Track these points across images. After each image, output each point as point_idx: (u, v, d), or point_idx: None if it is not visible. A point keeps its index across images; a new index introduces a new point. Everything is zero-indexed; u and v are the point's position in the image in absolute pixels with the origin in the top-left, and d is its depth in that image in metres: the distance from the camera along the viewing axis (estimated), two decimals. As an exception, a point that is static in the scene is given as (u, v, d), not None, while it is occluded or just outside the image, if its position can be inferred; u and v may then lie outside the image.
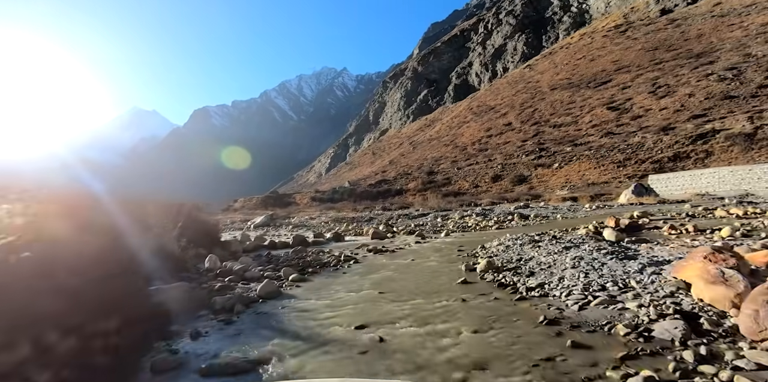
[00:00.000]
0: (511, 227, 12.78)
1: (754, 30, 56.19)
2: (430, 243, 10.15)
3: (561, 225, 11.57)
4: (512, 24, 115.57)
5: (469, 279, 5.32)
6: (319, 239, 12.55)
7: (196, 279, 6.33)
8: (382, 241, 11.43)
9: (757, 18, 59.89)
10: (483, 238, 10.09)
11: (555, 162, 35.55)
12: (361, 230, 15.13)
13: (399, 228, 14.62)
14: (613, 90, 54.88)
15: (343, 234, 13.81)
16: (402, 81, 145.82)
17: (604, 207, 16.12)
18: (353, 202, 42.15)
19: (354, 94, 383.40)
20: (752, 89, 37.85)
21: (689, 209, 11.58)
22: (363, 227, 16.07)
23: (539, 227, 11.85)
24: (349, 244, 11.19)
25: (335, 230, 15.65)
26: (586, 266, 5.16)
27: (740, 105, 35.78)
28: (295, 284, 6.02)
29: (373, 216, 20.26)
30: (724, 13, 68.12)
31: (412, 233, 12.87)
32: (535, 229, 10.94)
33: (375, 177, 66.24)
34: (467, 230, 12.92)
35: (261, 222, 19.76)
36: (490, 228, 13.12)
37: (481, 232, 12.26)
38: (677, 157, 27.38)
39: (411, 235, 12.48)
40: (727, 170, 16.53)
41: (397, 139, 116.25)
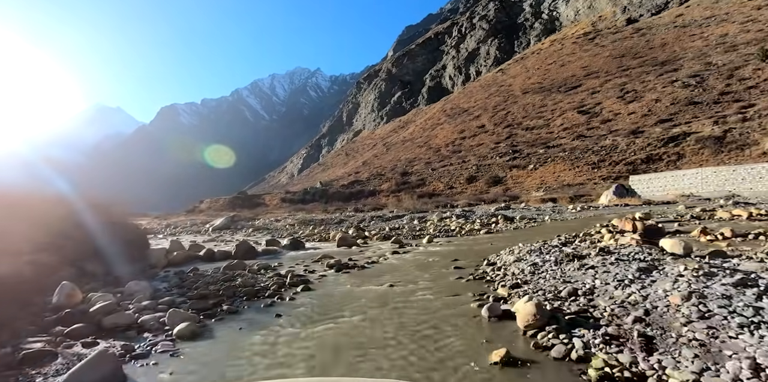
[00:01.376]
0: (501, 231, 11.56)
1: (714, 40, 58.67)
2: (411, 253, 8.50)
3: (558, 229, 10.36)
4: (485, 29, 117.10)
5: (513, 352, 2.81)
6: (272, 247, 10.27)
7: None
8: (351, 249, 9.61)
9: (716, 29, 62.64)
10: (477, 246, 8.76)
11: (530, 163, 35.57)
12: (328, 234, 13.09)
13: (372, 232, 12.86)
14: (583, 95, 55.96)
15: (305, 240, 12.08)
16: (376, 82, 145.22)
17: (588, 209, 15.67)
18: (325, 203, 40.88)
19: (328, 95, 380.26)
20: (714, 96, 39.17)
21: (686, 211, 11.04)
22: (330, 231, 14.18)
23: (534, 231, 10.83)
24: (307, 254, 9.15)
25: (296, 235, 13.74)
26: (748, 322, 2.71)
27: (704, 111, 36.91)
28: (171, 350, 3.38)
29: (344, 218, 19.08)
30: (686, 24, 71.00)
31: (388, 238, 11.30)
32: (531, 234, 9.91)
33: (348, 178, 65.06)
34: (451, 235, 11.53)
35: (221, 224, 18.30)
36: (477, 232, 11.73)
37: (468, 237, 10.93)
38: (650, 159, 27.78)
39: (386, 241, 10.81)
40: (710, 171, 16.51)
41: (371, 141, 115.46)
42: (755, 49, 45.68)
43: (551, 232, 9.64)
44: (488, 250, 8.03)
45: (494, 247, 8.30)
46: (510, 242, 8.26)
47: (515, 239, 9.08)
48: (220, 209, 52.72)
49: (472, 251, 8.21)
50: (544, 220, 13.37)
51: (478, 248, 8.45)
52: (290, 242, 10.45)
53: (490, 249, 8.13)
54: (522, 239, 8.71)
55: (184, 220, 30.36)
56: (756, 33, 54.36)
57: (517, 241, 8.18)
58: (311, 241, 12.03)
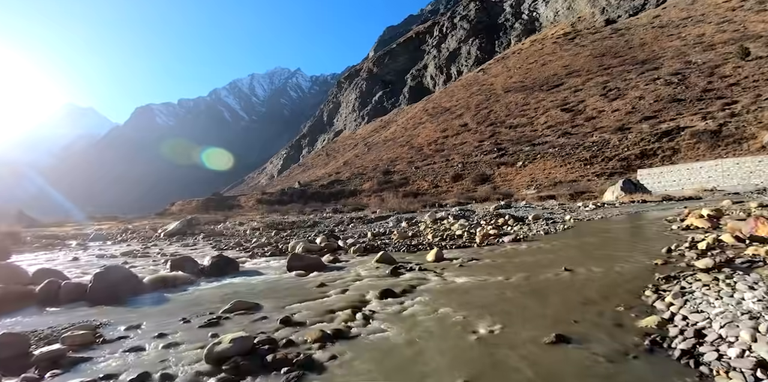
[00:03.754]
0: (533, 239, 7.87)
1: (692, 40, 59.29)
2: (417, 297, 4.19)
3: (610, 234, 7.98)
4: (466, 29, 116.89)
5: None
6: (178, 273, 5.90)
7: None
8: (305, 279, 5.50)
9: (692, 30, 63.42)
10: (539, 273, 4.78)
11: (518, 160, 34.50)
12: (287, 244, 9.22)
13: (348, 241, 9.07)
14: (566, 93, 55.59)
15: (256, 253, 8.53)
16: (357, 82, 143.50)
17: (603, 206, 14.14)
18: (303, 204, 38.97)
19: (308, 95, 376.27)
20: (697, 93, 39.02)
21: (738, 206, 9.42)
22: (292, 240, 10.07)
23: (578, 237, 7.86)
24: (221, 293, 4.95)
25: (250, 244, 10.34)
26: None
27: (687, 107, 36.62)
28: None
29: (319, 220, 17.13)
30: (663, 25, 71.83)
31: (371, 250, 7.72)
32: (584, 242, 7.08)
33: (328, 178, 63.14)
34: (463, 244, 7.71)
35: (175, 229, 16.19)
36: (498, 241, 7.81)
37: (494, 250, 6.93)
38: (644, 155, 27.04)
39: (368, 255, 7.21)
40: (731, 162, 15.43)
41: (352, 141, 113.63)
42: (733, 48, 46.03)
43: (611, 240, 7.06)
44: (576, 286, 4.14)
45: (579, 277, 4.44)
46: (585, 261, 5.15)
47: (575, 252, 6.10)
48: (192, 212, 50.12)
49: (547, 290, 4.11)
50: (566, 220, 10.70)
51: (548, 280, 4.46)
52: (216, 262, 6.37)
53: (577, 282, 4.25)
54: (590, 252, 5.94)
55: (149, 223, 28.04)
56: (732, 33, 55.06)
57: (589, 257, 5.50)
58: (259, 257, 8.22)
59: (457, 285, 4.57)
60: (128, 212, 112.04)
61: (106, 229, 27.16)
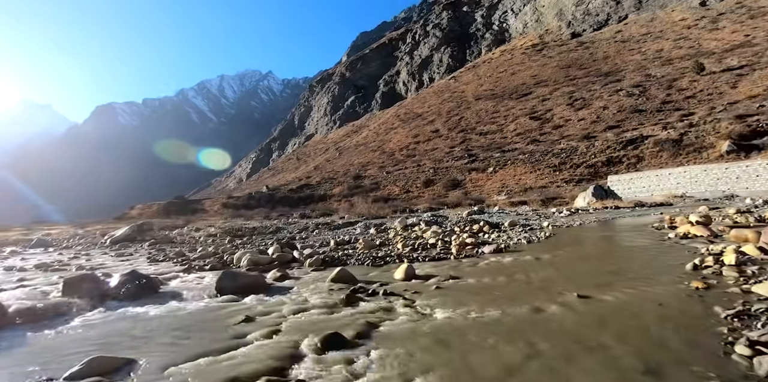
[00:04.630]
0: (516, 249, 6.96)
1: (651, 55, 62.22)
2: (385, 341, 2.93)
3: (597, 242, 7.50)
4: (438, 37, 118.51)
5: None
6: (71, 300, 4.63)
7: None
8: (238, 303, 4.47)
9: (652, 45, 66.61)
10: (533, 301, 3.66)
11: (489, 166, 34.74)
12: (232, 256, 7.87)
13: (306, 251, 8.08)
14: (534, 101, 56.93)
15: (193, 266, 7.38)
16: (329, 86, 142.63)
17: (577, 212, 14.01)
18: (270, 209, 37.75)
19: (280, 98, 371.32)
20: (657, 104, 40.73)
21: (717, 212, 9.34)
22: (238, 251, 8.70)
23: (562, 246, 7.10)
24: (119, 326, 3.84)
25: (192, 255, 9.09)
26: None
27: (648, 118, 38.11)
28: None
29: (283, 226, 16.20)
30: (625, 40, 75.15)
31: (329, 262, 6.76)
32: (571, 252, 6.34)
33: (298, 182, 61.86)
34: (438, 256, 6.73)
35: (123, 235, 14.94)
36: (477, 251, 6.92)
37: (473, 264, 5.94)
38: (610, 162, 27.77)
39: (325, 269, 6.25)
40: (699, 169, 15.82)
41: (323, 145, 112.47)
42: (689, 63, 48.49)
43: (608, 252, 6.41)
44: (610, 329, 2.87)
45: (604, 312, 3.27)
46: (595, 281, 4.23)
47: (574, 267, 5.21)
48: (152, 216, 47.82)
49: (569, 336, 2.78)
50: (544, 227, 10.11)
51: (563, 317, 3.22)
52: (124, 282, 4.98)
53: (607, 322, 3.03)
54: (594, 268, 5.09)
55: (101, 228, 26.28)
56: (688, 49, 58.14)
57: (596, 275, 4.59)
58: (195, 271, 6.98)
59: (435, 326, 3.20)
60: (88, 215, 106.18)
61: (54, 234, 25.29)
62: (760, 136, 23.01)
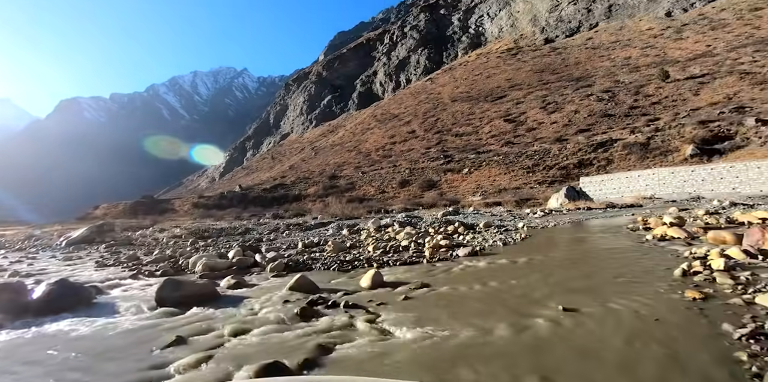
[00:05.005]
0: (491, 252, 6.66)
1: (620, 62, 64.27)
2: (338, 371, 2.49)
3: (574, 244, 7.25)
4: (416, 38, 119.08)
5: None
6: None
7: None
8: (176, 317, 3.98)
9: (620, 52, 68.83)
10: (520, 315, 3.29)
11: (464, 167, 34.94)
12: (188, 260, 7.20)
13: (270, 255, 7.54)
14: (509, 104, 57.80)
15: (137, 275, 6.52)
16: (306, 85, 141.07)
17: (551, 213, 13.99)
18: (242, 209, 36.77)
19: (255, 96, 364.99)
20: (625, 109, 42.00)
21: (685, 213, 9.43)
22: (196, 254, 7.99)
23: (541, 248, 6.86)
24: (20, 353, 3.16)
25: (144, 261, 8.33)
26: None
27: (617, 122, 39.23)
28: None
29: (253, 226, 15.57)
30: (595, 47, 77.40)
31: (293, 267, 6.32)
32: (551, 255, 5.99)
33: (272, 182, 60.70)
34: (409, 260, 6.36)
35: (80, 237, 14.03)
36: (450, 254, 6.61)
37: (445, 268, 5.63)
38: (581, 164, 28.40)
39: (288, 274, 5.74)
40: (667, 172, 16.19)
41: (299, 144, 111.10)
42: (655, 71, 50.23)
43: (587, 255, 6.02)
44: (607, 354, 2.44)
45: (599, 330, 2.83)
46: (578, 290, 3.91)
47: (554, 273, 4.76)
48: (118, 216, 45.89)
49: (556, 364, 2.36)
50: (519, 228, 9.84)
51: (550, 335, 2.82)
52: (50, 292, 4.34)
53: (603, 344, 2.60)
54: (574, 274, 4.67)
55: (60, 229, 24.87)
56: (654, 57, 60.33)
57: (578, 282, 4.23)
58: (145, 277, 6.37)
59: (399, 350, 2.70)
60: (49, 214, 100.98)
61: (9, 235, 23.81)
62: (721, 141, 24.05)
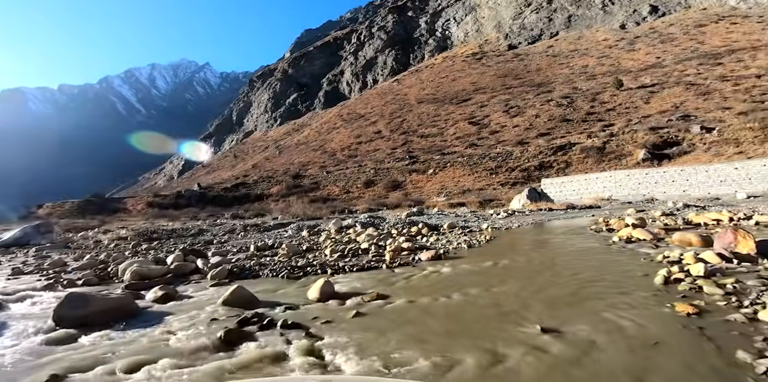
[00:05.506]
0: (455, 255, 6.37)
1: (578, 70, 66.97)
2: None
3: (540, 246, 7.14)
4: (383, 39, 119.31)
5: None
6: None
7: None
8: (70, 344, 3.17)
9: (578, 61, 71.75)
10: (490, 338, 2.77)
11: (429, 168, 35.11)
12: (117, 268, 6.41)
13: (215, 259, 6.98)
14: (473, 107, 58.85)
15: (52, 285, 5.64)
16: (271, 82, 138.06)
17: (514, 214, 14.10)
18: (201, 209, 35.24)
19: (217, 92, 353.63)
20: (582, 115, 43.71)
21: (654, 215, 9.58)
22: (125, 262, 6.81)
23: (502, 252, 6.49)
24: None
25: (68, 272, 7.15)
26: None
27: (575, 127, 40.75)
28: None
29: (208, 227, 14.66)
30: (555, 55, 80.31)
31: (237, 274, 5.78)
32: (521, 263, 5.50)
33: (234, 181, 58.76)
34: (368, 265, 5.93)
35: (12, 238, 12.85)
36: (412, 258, 6.27)
37: (404, 273, 5.26)
38: (542, 166, 29.23)
39: (231, 282, 5.19)
40: (623, 174, 16.77)
41: (263, 143, 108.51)
42: (610, 79, 52.63)
43: (556, 259, 5.70)
44: None
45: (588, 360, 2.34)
46: (553, 303, 3.52)
47: (524, 281, 4.40)
48: (64, 215, 42.85)
49: None
50: (483, 229, 9.67)
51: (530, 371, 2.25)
52: None
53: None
54: (546, 282, 4.30)
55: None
56: (609, 66, 63.30)
57: (552, 292, 3.88)
58: (63, 288, 5.53)
59: None
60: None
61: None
62: (670, 146, 25.52)
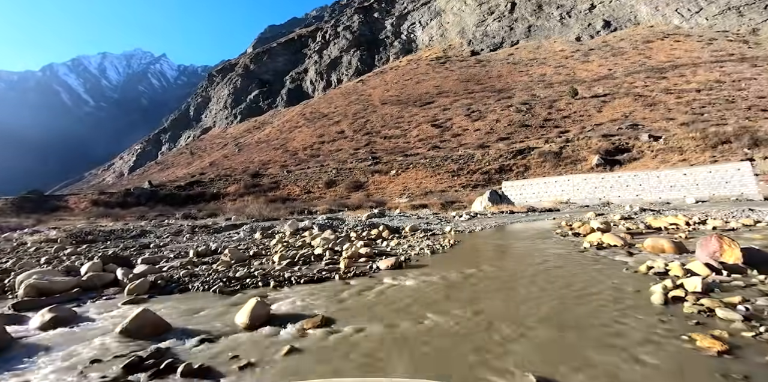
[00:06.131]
0: (417, 264, 5.80)
1: (536, 78, 69.48)
2: None
3: (507, 252, 6.65)
4: (349, 39, 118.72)
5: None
6: None
7: None
8: None
9: (537, 69, 74.46)
10: None
11: (392, 169, 35.02)
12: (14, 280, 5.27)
13: (141, 269, 6.09)
14: (436, 110, 59.59)
15: None
16: (231, 77, 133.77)
17: (476, 216, 14.10)
18: (151, 208, 33.35)
19: (174, 86, 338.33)
20: (540, 121, 45.29)
21: (602, 218, 9.70)
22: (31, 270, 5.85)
23: (468, 259, 6.08)
24: None
25: None
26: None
27: (533, 132, 42.12)
28: None
29: (151, 229, 13.54)
30: (516, 62, 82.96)
31: (162, 287, 5.01)
32: (490, 273, 4.98)
33: (190, 179, 56.20)
34: (319, 276, 5.22)
35: None
36: (370, 266, 5.68)
37: (365, 287, 4.57)
38: (502, 170, 29.92)
39: (152, 297, 4.61)
40: (580, 179, 17.25)
41: (222, 140, 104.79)
42: (566, 88, 54.95)
43: (527, 268, 5.14)
44: None
45: None
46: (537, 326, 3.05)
47: (497, 295, 3.96)
48: (-6, 212, 39.27)
49: None
50: (446, 232, 9.44)
51: None
52: None
53: None
54: (523, 297, 3.84)
55: None
56: (565, 76, 66.09)
57: (533, 310, 3.42)
58: None
59: None
60: None
61: None
62: (621, 152, 26.95)
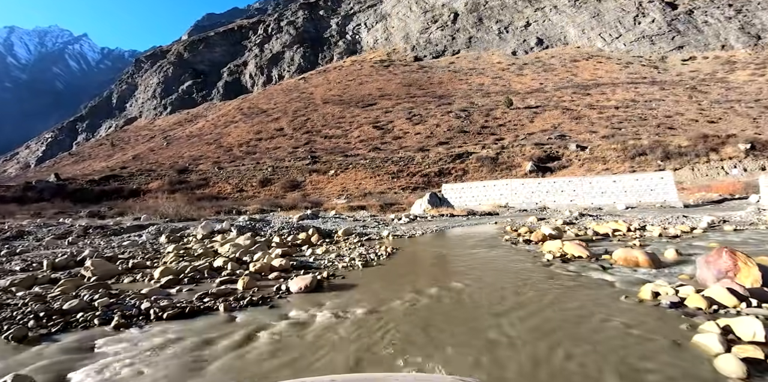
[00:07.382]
0: (350, 278, 4.98)
1: (475, 87, 72.23)
2: None
3: (454, 263, 5.85)
4: (292, 34, 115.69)
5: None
6: None
7: None
8: None
9: (476, 79, 77.48)
10: None
11: (331, 169, 34.07)
12: None
13: None
14: (378, 112, 59.61)
15: None
16: (162, 65, 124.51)
17: (416, 219, 13.56)
18: (56, 203, 29.51)
19: (96, 70, 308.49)
20: (478, 128, 46.91)
21: (555, 224, 9.49)
22: None
23: (408, 273, 5.23)
24: None
25: None
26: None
27: (471, 138, 43.46)
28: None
29: (34, 229, 11.43)
30: (456, 71, 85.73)
31: None
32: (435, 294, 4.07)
33: (108, 173, 50.91)
34: (203, 302, 3.93)
35: None
36: (285, 292, 4.31)
37: (264, 318, 3.45)
38: (441, 173, 30.30)
39: None
40: (518, 183, 17.54)
41: (148, 132, 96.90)
42: (502, 98, 57.56)
43: (482, 286, 4.33)
44: None
45: None
46: None
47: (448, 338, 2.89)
48: None
49: None
50: (383, 237, 8.75)
51: None
52: None
53: None
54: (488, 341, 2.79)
55: None
56: (501, 87, 69.38)
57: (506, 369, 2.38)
58: None
59: None
60: None
61: None
62: (552, 160, 28.61)
